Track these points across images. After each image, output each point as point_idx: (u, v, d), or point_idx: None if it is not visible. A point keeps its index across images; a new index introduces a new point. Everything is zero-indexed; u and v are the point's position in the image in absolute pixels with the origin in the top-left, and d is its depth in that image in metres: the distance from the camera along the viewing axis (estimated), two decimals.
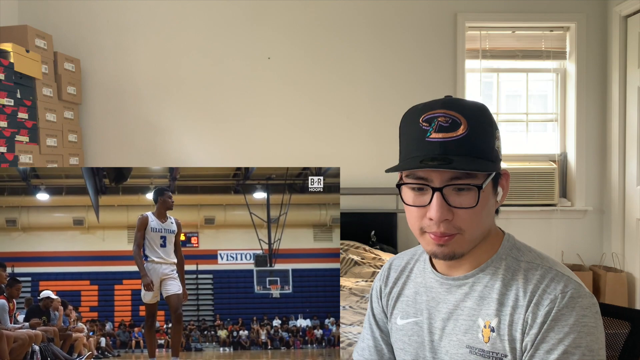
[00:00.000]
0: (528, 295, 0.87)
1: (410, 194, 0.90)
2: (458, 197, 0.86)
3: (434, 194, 0.86)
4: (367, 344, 1.12)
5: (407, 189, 0.91)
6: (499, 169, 0.92)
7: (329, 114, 3.81)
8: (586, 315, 0.83)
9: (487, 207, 0.91)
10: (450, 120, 0.85)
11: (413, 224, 0.92)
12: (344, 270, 3.16)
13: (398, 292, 1.07)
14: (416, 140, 0.87)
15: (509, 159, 3.87)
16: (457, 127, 0.85)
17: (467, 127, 0.85)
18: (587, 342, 0.82)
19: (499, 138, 0.93)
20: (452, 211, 0.86)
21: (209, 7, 3.77)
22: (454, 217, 0.87)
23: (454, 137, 0.84)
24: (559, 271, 0.89)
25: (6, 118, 2.77)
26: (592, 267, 3.70)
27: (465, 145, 0.85)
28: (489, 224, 0.94)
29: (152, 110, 3.82)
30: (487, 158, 0.88)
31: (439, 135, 0.85)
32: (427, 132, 0.86)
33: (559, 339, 0.82)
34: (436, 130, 0.85)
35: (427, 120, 0.87)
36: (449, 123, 0.85)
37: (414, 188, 0.89)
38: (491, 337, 0.88)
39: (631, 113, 3.50)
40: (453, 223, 0.87)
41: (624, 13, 3.55)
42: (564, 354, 0.82)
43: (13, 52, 2.84)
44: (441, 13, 3.78)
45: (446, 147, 0.84)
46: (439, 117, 0.86)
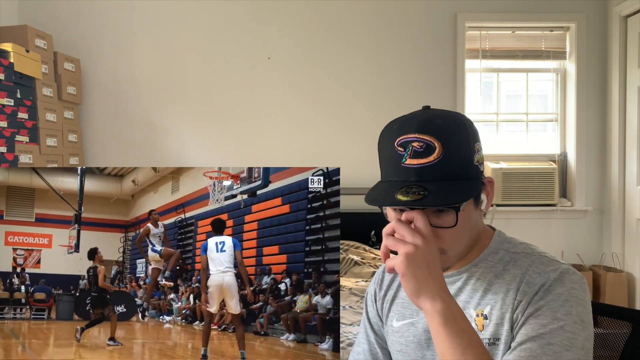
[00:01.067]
0: (518, 277, 0.88)
1: (393, 214, 0.92)
2: (438, 218, 0.87)
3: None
4: (362, 348, 1.12)
5: (389, 209, 0.93)
6: (478, 185, 0.89)
7: (329, 114, 3.80)
8: (575, 287, 0.85)
9: (470, 222, 0.91)
10: (425, 145, 0.84)
11: None
12: (344, 270, 3.16)
13: (393, 295, 1.08)
14: (392, 164, 0.87)
15: (509, 159, 3.87)
16: (431, 151, 0.84)
17: (442, 151, 0.83)
18: (578, 312, 0.82)
19: (480, 149, 0.90)
20: (434, 231, 0.86)
21: (209, 7, 3.77)
22: (437, 238, 0.86)
23: (429, 162, 0.83)
24: (549, 257, 0.91)
25: (6, 118, 2.77)
26: (592, 267, 3.70)
27: (441, 170, 0.84)
28: (475, 233, 0.94)
29: (152, 110, 3.81)
30: (466, 177, 0.86)
31: (413, 162, 0.84)
32: (402, 158, 0.85)
33: (550, 307, 0.83)
34: (411, 156, 0.85)
35: (401, 145, 0.86)
36: (423, 148, 0.84)
37: (395, 209, 0.91)
38: (485, 324, 0.90)
39: (631, 113, 3.50)
40: (436, 244, 0.86)
41: (624, 13, 3.55)
42: (554, 319, 0.82)
43: (13, 52, 2.84)
44: (441, 13, 3.78)
45: (421, 173, 0.84)
46: (413, 142, 0.85)
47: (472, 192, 0.86)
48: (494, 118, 3.96)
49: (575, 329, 0.81)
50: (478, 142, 0.90)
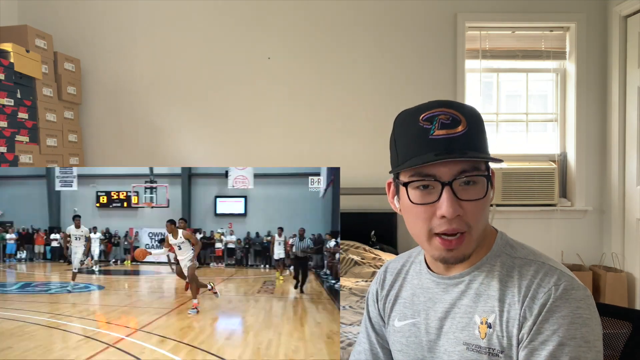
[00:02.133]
0: (523, 290, 0.88)
1: (417, 193, 0.89)
2: (466, 191, 0.87)
3: (444, 189, 0.86)
4: (363, 347, 1.13)
5: (412, 189, 0.90)
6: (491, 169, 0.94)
7: (329, 114, 3.80)
8: (580, 306, 0.84)
9: (488, 201, 0.92)
10: (451, 118, 0.87)
11: (421, 227, 0.90)
12: (344, 270, 3.16)
13: (395, 295, 1.08)
14: (418, 139, 0.87)
15: (509, 159, 3.87)
16: (457, 124, 0.86)
17: (467, 125, 0.87)
18: (582, 334, 0.82)
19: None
20: (462, 206, 0.87)
21: (209, 7, 3.77)
22: (463, 212, 0.87)
23: (457, 133, 0.86)
24: (552, 266, 0.90)
25: (6, 118, 2.77)
26: (592, 267, 3.70)
27: (468, 142, 0.86)
28: (486, 221, 0.94)
29: (152, 110, 3.81)
30: (487, 153, 0.91)
31: (442, 132, 0.86)
32: (430, 130, 0.86)
33: (554, 330, 0.83)
34: (439, 127, 0.86)
35: (427, 119, 0.87)
36: (450, 120, 0.87)
37: (419, 187, 0.89)
38: (488, 333, 0.89)
39: (631, 113, 3.50)
40: (463, 219, 0.88)
41: (624, 13, 3.55)
42: (559, 345, 0.82)
43: (13, 52, 2.84)
44: (441, 13, 3.78)
45: (451, 143, 0.85)
46: (439, 115, 0.87)
47: (495, 162, 0.89)
48: (494, 118, 3.96)
49: (580, 353, 0.81)
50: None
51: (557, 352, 0.82)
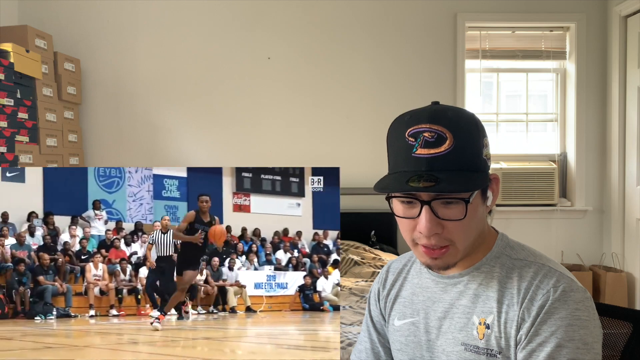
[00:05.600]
0: (522, 292, 0.88)
1: (400, 207, 0.91)
2: (446, 210, 0.86)
3: (423, 207, 0.86)
4: (364, 346, 1.13)
5: (396, 201, 0.91)
6: (486, 178, 0.90)
7: (329, 114, 3.80)
8: (579, 308, 0.84)
9: (477, 216, 0.91)
10: (436, 135, 0.85)
11: (405, 235, 0.93)
12: (344, 270, 3.16)
13: (395, 294, 1.08)
14: (403, 155, 0.87)
15: (509, 159, 3.87)
16: (442, 141, 0.84)
17: (453, 141, 0.84)
18: (581, 335, 0.82)
19: (488, 144, 0.91)
20: (442, 224, 0.87)
21: (209, 7, 3.77)
22: (443, 229, 0.87)
23: (440, 152, 0.84)
24: (551, 267, 0.90)
25: (6, 118, 2.77)
26: (592, 267, 3.70)
27: (452, 160, 0.84)
28: (480, 229, 0.94)
29: (152, 110, 3.81)
30: (475, 169, 0.87)
31: (424, 152, 0.85)
32: (413, 148, 0.85)
33: (552, 332, 0.83)
34: (422, 145, 0.85)
35: (412, 135, 0.86)
36: (434, 138, 0.85)
37: (403, 201, 0.90)
38: (486, 333, 0.89)
39: (631, 113, 3.50)
40: (443, 235, 0.87)
41: (624, 13, 3.55)
42: (557, 346, 0.82)
43: (13, 52, 2.84)
44: (441, 13, 3.77)
45: (432, 163, 0.84)
46: (424, 132, 0.85)
47: (481, 183, 0.87)
48: (494, 118, 3.96)
49: (578, 355, 0.81)
50: (486, 137, 0.91)
51: (555, 354, 0.82)
